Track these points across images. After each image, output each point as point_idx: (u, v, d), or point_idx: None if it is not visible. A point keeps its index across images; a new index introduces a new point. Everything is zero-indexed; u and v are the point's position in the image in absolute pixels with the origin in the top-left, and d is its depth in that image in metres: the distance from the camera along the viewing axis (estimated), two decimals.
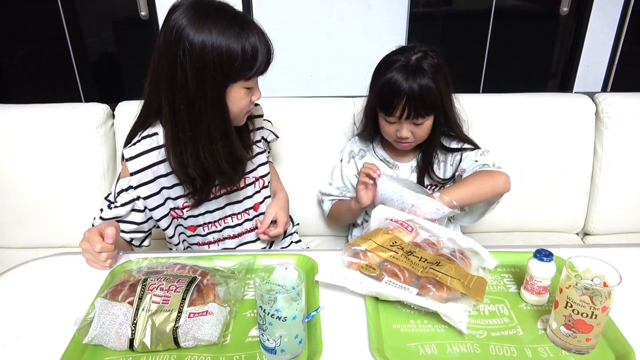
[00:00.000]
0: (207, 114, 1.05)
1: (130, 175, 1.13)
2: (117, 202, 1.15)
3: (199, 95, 1.02)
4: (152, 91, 1.09)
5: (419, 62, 1.23)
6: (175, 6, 1.02)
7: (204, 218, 1.26)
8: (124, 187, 1.14)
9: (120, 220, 1.17)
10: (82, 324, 0.84)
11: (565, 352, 0.83)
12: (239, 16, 1.03)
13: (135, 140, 1.15)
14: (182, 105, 1.03)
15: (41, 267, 1.07)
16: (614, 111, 1.59)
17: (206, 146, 1.08)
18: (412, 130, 1.27)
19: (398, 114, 1.24)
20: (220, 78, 1.02)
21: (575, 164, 1.63)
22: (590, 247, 1.48)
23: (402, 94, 1.20)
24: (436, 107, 1.25)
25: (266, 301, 0.76)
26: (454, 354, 0.83)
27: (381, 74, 1.26)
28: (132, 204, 1.15)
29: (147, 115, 1.14)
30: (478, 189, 1.22)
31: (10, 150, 1.54)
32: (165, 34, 1.01)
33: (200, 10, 1.00)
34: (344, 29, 2.22)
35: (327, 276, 0.96)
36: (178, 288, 0.87)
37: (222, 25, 0.99)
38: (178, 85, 1.01)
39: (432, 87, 1.21)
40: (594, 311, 0.78)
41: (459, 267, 0.94)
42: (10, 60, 2.38)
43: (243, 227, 1.33)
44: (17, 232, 1.62)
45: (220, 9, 1.03)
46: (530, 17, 2.44)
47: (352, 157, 1.46)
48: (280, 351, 0.79)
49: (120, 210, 1.15)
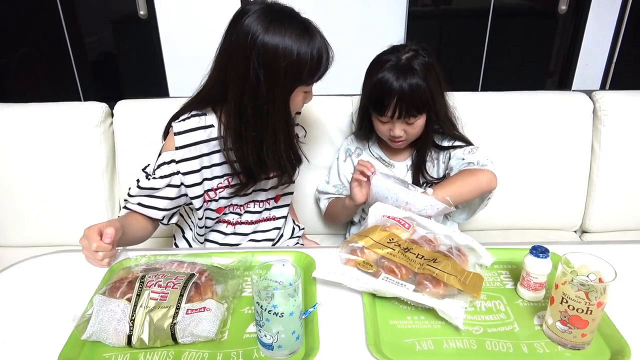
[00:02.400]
0: (273, 115, 1.09)
1: (175, 149, 1.15)
2: (155, 174, 1.17)
3: (269, 97, 1.06)
4: (216, 83, 1.12)
5: (409, 61, 1.23)
6: (246, 10, 1.05)
7: (231, 201, 1.29)
8: (166, 160, 1.16)
9: (155, 195, 1.18)
10: (80, 320, 0.84)
11: (561, 348, 0.83)
12: (307, 23, 1.08)
13: (186, 116, 1.18)
14: (249, 106, 1.08)
15: (40, 264, 1.07)
16: (611, 109, 1.59)
17: (269, 145, 1.13)
18: (405, 129, 1.28)
19: (390, 114, 1.24)
20: (290, 82, 1.08)
21: (572, 162, 1.63)
22: (586, 244, 1.48)
23: (393, 94, 1.21)
24: (427, 106, 1.25)
25: (263, 297, 0.77)
26: (451, 349, 0.83)
27: (372, 74, 1.27)
28: (170, 178, 1.17)
29: (203, 100, 1.18)
30: (461, 187, 1.22)
31: (9, 148, 1.55)
32: (239, 37, 1.04)
33: (274, 16, 1.04)
34: (342, 28, 2.22)
35: (325, 273, 0.96)
36: (176, 285, 0.87)
37: (295, 32, 1.04)
38: (248, 87, 1.05)
39: (422, 86, 1.22)
40: (590, 307, 0.78)
41: (455, 264, 0.94)
42: (10, 59, 2.38)
43: (261, 215, 1.36)
44: (16, 231, 1.62)
45: (292, 16, 1.07)
46: (528, 16, 2.45)
47: (349, 156, 1.47)
48: (277, 347, 0.80)
49: (158, 182, 1.17)
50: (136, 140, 1.57)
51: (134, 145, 1.58)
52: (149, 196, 1.18)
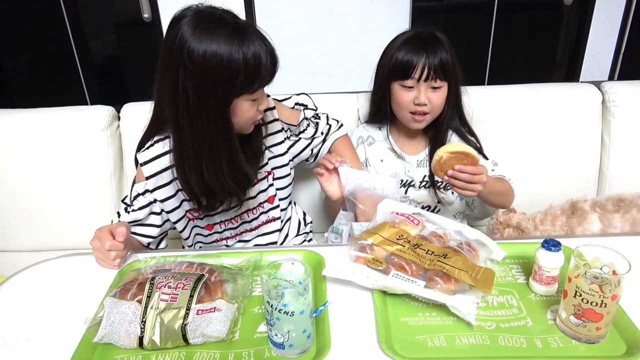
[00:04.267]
0: (209, 131, 1.00)
1: (145, 179, 1.13)
2: (134, 205, 1.16)
3: (201, 112, 0.98)
4: (157, 102, 1.07)
5: (431, 34, 1.27)
6: (180, 16, 0.98)
7: (220, 217, 1.26)
8: (140, 191, 1.15)
9: (141, 223, 1.17)
10: (91, 323, 0.85)
11: (576, 342, 0.82)
12: (242, 26, 0.98)
13: (149, 144, 1.14)
14: (185, 124, 1.00)
15: (51, 268, 1.08)
16: (621, 100, 1.57)
17: (209, 164, 1.05)
18: (430, 97, 1.27)
19: (417, 75, 1.24)
20: (222, 95, 0.98)
21: (582, 154, 1.62)
22: (598, 237, 1.46)
23: (421, 54, 1.23)
24: (451, 74, 1.27)
25: (273, 296, 0.77)
26: (463, 345, 0.82)
27: (394, 45, 1.29)
28: (149, 207, 1.16)
29: (157, 119, 1.12)
30: (495, 186, 1.24)
31: (17, 154, 1.56)
32: (167, 46, 0.97)
33: (204, 20, 0.96)
34: (346, 25, 2.22)
35: (334, 271, 0.96)
36: (186, 285, 0.87)
37: (224, 36, 0.94)
38: (180, 102, 0.98)
39: (447, 54, 1.25)
40: (604, 300, 0.77)
41: (466, 259, 0.93)
42: (16, 65, 2.40)
43: (259, 219, 1.33)
44: (26, 236, 1.63)
45: (224, 20, 0.97)
46: (534, 8, 2.42)
47: (362, 143, 1.45)
48: (288, 346, 0.79)
49: (139, 214, 1.15)
50: None
51: None
52: (138, 225, 1.17)
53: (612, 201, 1.23)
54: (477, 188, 1.11)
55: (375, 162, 1.42)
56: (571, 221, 1.22)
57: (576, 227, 1.20)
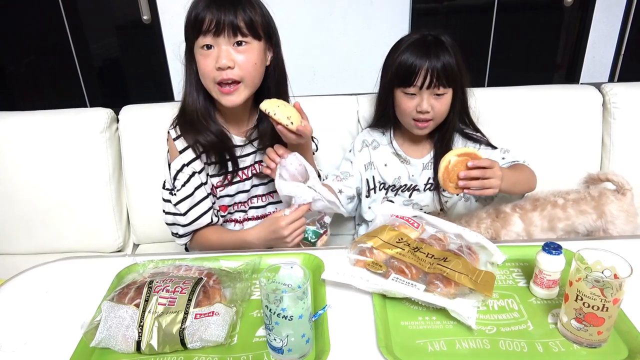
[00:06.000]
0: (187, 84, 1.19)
1: (179, 153, 1.19)
2: (176, 185, 1.19)
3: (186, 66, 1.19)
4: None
5: (435, 38, 1.26)
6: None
7: (233, 199, 1.31)
8: (177, 168, 1.19)
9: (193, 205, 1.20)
10: (89, 327, 0.84)
11: (577, 346, 0.82)
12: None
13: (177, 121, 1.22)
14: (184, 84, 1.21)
15: (48, 271, 1.07)
16: (622, 101, 1.57)
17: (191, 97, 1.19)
18: (432, 104, 1.25)
19: (419, 83, 1.23)
20: (188, 49, 1.17)
21: (583, 156, 1.61)
22: (599, 240, 1.46)
23: (424, 59, 1.22)
24: (455, 80, 1.25)
25: (272, 300, 0.76)
26: (464, 350, 0.82)
27: (398, 50, 1.28)
28: (191, 181, 1.19)
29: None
30: (518, 176, 1.25)
31: (16, 156, 1.55)
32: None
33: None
34: (346, 27, 2.22)
35: (334, 274, 0.95)
36: (184, 289, 0.86)
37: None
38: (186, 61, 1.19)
39: (451, 59, 1.23)
40: (605, 304, 0.77)
41: (466, 263, 0.93)
42: (16, 68, 2.40)
43: (266, 209, 1.37)
44: (23, 238, 1.62)
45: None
46: (534, 9, 2.42)
47: (367, 146, 1.43)
48: (287, 351, 0.79)
49: (186, 190, 1.19)
50: (142, 144, 1.57)
51: (140, 150, 1.58)
52: (194, 208, 1.20)
53: (529, 201, 1.31)
54: (495, 183, 1.10)
55: (380, 165, 1.41)
56: (495, 224, 1.27)
57: (500, 230, 1.26)
